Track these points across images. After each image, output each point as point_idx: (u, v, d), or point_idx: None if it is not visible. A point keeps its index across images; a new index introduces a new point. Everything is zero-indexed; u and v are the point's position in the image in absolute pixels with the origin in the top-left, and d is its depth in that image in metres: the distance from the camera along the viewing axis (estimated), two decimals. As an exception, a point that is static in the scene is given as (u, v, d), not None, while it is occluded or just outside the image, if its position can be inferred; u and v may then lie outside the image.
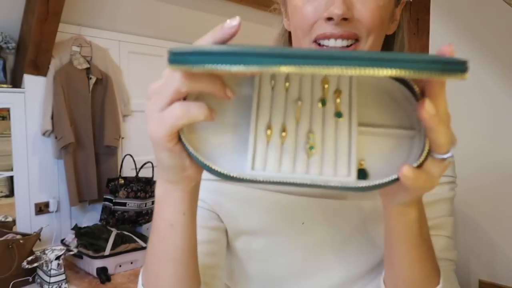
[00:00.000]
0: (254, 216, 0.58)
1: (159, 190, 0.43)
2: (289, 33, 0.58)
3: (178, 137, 0.36)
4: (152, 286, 0.47)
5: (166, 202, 0.42)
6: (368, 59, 0.27)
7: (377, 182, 0.34)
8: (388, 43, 0.56)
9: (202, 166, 0.37)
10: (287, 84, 0.38)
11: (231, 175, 0.35)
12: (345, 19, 0.46)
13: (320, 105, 0.38)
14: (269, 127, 0.37)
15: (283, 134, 0.37)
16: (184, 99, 0.35)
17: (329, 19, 0.46)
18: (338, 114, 0.37)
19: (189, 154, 0.37)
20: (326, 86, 0.38)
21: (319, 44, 0.48)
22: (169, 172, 0.40)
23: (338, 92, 0.38)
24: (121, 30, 3.20)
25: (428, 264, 0.46)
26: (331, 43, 0.47)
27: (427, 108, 0.33)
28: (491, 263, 2.08)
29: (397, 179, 0.34)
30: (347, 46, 0.47)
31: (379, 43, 0.50)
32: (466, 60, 0.29)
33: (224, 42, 0.34)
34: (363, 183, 0.34)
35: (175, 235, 0.43)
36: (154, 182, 3.10)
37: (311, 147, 0.36)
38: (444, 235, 0.58)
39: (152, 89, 0.37)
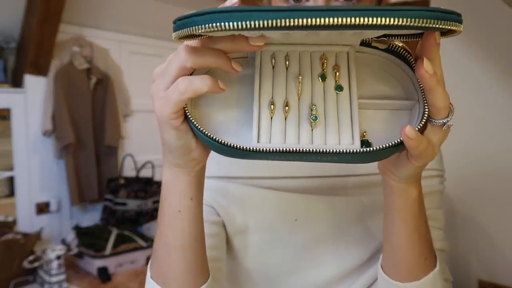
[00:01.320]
0: (248, 213, 0.59)
1: (166, 175, 0.43)
2: None
3: (184, 116, 0.37)
4: (161, 276, 0.46)
5: (173, 187, 0.43)
6: (369, 9, 0.27)
7: (381, 146, 0.35)
8: None
9: (207, 143, 0.37)
10: (287, 62, 0.39)
11: (238, 146, 0.35)
12: None
13: (320, 80, 0.38)
14: (272, 102, 0.37)
15: (286, 108, 0.37)
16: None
17: None
18: (339, 88, 0.38)
19: (195, 134, 0.38)
20: (325, 62, 0.39)
21: None
22: (176, 154, 0.40)
23: (337, 67, 0.39)
24: (122, 30, 3.21)
25: (427, 245, 0.48)
26: None
27: (426, 67, 0.33)
28: (491, 262, 2.08)
29: (400, 144, 0.35)
30: None
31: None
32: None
33: None
34: (368, 149, 0.35)
35: (183, 221, 0.43)
36: (154, 182, 3.11)
37: (315, 117, 0.37)
38: (436, 226, 0.59)
39: (156, 72, 0.37)
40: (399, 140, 0.35)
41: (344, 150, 0.34)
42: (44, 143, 2.83)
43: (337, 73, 0.38)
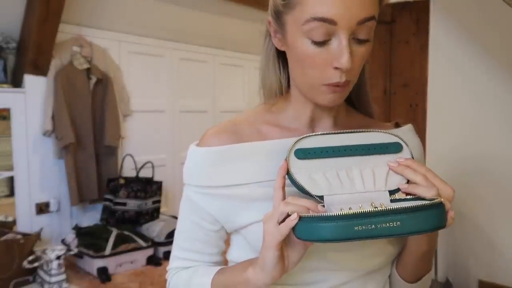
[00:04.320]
0: (249, 211, 0.61)
1: (250, 275, 0.56)
2: (278, 51, 0.65)
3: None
4: None
5: (250, 282, 0.56)
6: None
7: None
8: None
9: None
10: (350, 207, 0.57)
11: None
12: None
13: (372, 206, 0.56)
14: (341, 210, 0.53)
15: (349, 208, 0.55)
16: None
17: (337, 68, 0.55)
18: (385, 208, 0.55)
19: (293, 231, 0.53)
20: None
21: (332, 85, 0.58)
22: (269, 271, 0.54)
23: (382, 204, 0.56)
24: (121, 30, 3.21)
25: (429, 265, 0.66)
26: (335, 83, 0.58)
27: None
28: (491, 263, 2.08)
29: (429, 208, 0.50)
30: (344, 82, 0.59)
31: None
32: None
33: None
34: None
35: None
36: (154, 182, 3.11)
37: (375, 207, 0.52)
38: None
39: (266, 216, 0.53)
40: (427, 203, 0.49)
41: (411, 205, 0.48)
42: (44, 143, 2.83)
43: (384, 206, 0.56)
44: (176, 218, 3.28)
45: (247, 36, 3.81)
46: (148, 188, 3.04)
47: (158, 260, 2.80)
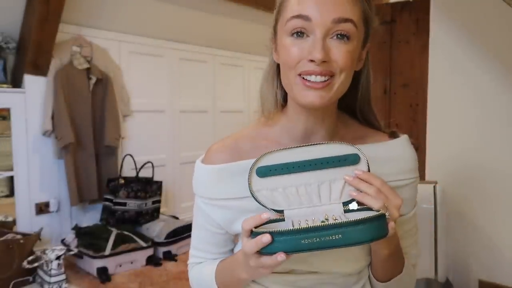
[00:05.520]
0: (241, 220, 0.67)
1: (243, 274, 0.63)
2: (277, 64, 0.69)
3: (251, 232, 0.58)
4: None
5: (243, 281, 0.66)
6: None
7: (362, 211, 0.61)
8: (356, 76, 0.70)
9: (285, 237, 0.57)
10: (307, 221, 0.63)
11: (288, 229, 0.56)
12: (323, 61, 0.59)
13: (324, 220, 0.62)
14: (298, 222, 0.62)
15: (307, 222, 0.61)
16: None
17: (311, 60, 0.59)
18: (335, 219, 0.61)
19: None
20: (326, 215, 0.62)
21: (303, 78, 0.61)
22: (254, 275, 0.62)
23: (334, 216, 0.62)
24: (121, 30, 3.21)
25: (398, 268, 0.70)
26: (312, 78, 0.60)
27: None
28: (491, 263, 2.08)
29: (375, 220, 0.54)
30: (325, 81, 0.60)
31: (349, 78, 0.64)
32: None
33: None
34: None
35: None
36: (154, 182, 3.11)
37: (326, 219, 0.61)
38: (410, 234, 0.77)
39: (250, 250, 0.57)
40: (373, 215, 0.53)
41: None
42: (44, 143, 2.82)
43: (334, 217, 0.62)
44: (176, 218, 3.30)
45: (247, 36, 3.80)
46: (148, 188, 3.04)
47: (158, 260, 2.79)
